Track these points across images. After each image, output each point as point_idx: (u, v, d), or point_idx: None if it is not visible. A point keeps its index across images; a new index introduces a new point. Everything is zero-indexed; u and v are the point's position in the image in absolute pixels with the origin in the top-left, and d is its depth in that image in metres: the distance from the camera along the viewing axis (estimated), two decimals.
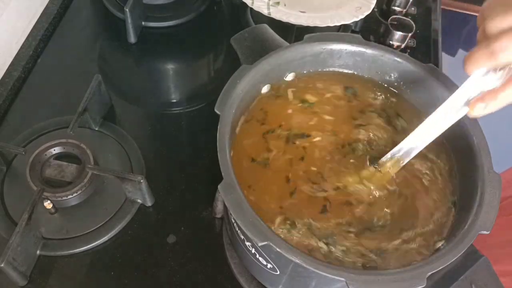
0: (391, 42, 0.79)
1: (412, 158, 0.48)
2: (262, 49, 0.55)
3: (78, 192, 0.59)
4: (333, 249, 0.44)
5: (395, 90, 0.55)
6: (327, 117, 0.53)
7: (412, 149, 0.47)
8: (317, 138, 0.51)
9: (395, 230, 0.45)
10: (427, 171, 0.49)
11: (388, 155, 0.48)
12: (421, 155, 0.50)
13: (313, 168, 0.48)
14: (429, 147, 0.50)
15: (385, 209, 0.47)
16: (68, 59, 0.77)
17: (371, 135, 0.52)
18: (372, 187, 0.48)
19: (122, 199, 0.61)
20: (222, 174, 0.42)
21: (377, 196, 0.47)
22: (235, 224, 0.46)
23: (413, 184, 0.48)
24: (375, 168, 0.49)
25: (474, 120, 0.48)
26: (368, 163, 0.49)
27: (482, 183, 0.44)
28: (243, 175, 0.46)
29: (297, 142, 0.50)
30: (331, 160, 0.49)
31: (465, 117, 0.44)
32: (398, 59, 0.53)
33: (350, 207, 0.47)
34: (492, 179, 0.44)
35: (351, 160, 0.49)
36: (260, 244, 0.39)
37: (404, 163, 0.48)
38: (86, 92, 0.63)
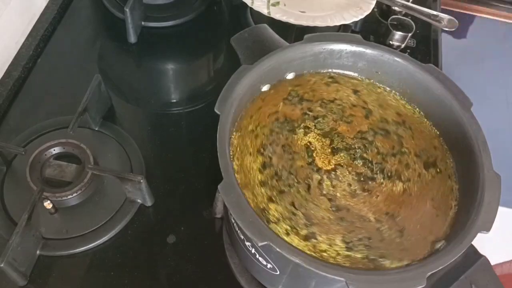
0: (391, 42, 0.79)
1: (413, 158, 0.49)
2: (262, 49, 0.55)
3: (78, 192, 0.59)
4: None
5: (395, 90, 0.55)
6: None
7: None
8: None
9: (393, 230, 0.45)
10: (427, 171, 0.49)
11: None
12: (422, 155, 0.50)
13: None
14: (429, 147, 0.50)
15: (384, 208, 0.47)
16: (68, 59, 0.77)
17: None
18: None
19: (122, 199, 0.61)
20: (222, 174, 0.42)
21: (375, 193, 0.47)
22: (235, 224, 0.46)
23: (412, 184, 0.48)
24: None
25: (474, 120, 0.48)
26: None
27: (482, 183, 0.44)
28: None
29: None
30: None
31: (466, 117, 0.44)
32: (398, 59, 0.53)
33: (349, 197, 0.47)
34: (492, 179, 0.44)
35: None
36: (260, 244, 0.39)
37: None
38: (86, 92, 0.63)
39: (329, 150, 0.50)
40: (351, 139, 0.51)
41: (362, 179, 0.48)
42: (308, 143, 0.50)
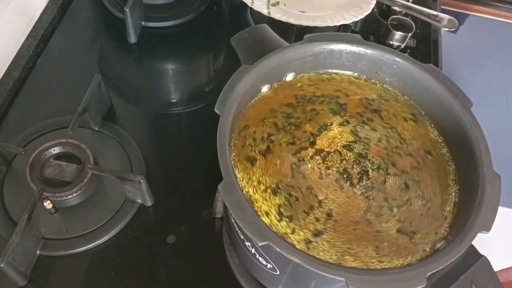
0: (391, 42, 0.79)
1: (413, 158, 0.49)
2: (262, 49, 0.55)
3: (78, 192, 0.59)
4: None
5: (395, 90, 0.55)
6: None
7: None
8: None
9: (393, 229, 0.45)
10: (427, 171, 0.49)
11: None
12: (422, 155, 0.50)
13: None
14: (429, 147, 0.50)
15: (384, 207, 0.47)
16: (68, 59, 0.77)
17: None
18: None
19: (122, 199, 0.61)
20: (222, 174, 0.42)
21: (376, 193, 0.47)
22: (235, 224, 0.46)
23: (412, 184, 0.48)
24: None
25: (474, 120, 0.48)
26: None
27: (482, 183, 0.44)
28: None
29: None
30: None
31: (466, 117, 0.44)
32: (398, 59, 0.53)
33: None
34: (492, 179, 0.44)
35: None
36: (260, 244, 0.39)
37: None
38: (86, 92, 0.63)
39: (342, 143, 0.50)
40: (376, 156, 0.49)
41: (345, 176, 0.48)
42: (329, 124, 0.51)
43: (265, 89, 0.53)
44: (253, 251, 0.46)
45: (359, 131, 0.51)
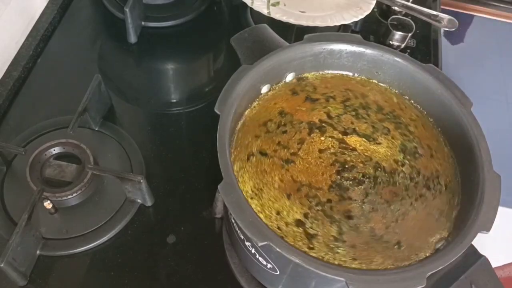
0: (391, 42, 0.79)
1: (413, 158, 0.49)
2: (262, 49, 0.55)
3: (78, 192, 0.59)
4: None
5: (395, 90, 0.55)
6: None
7: None
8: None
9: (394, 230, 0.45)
10: (427, 171, 0.49)
11: None
12: (421, 154, 0.50)
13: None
14: (429, 147, 0.50)
15: (384, 207, 0.46)
16: (68, 59, 0.77)
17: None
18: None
19: (122, 199, 0.61)
20: (222, 174, 0.42)
21: (341, 196, 0.47)
22: (235, 224, 0.46)
23: (412, 183, 0.48)
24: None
25: (474, 120, 0.48)
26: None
27: (482, 183, 0.44)
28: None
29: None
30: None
31: (466, 117, 0.44)
32: (398, 59, 0.53)
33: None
34: (492, 179, 0.44)
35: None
36: (260, 244, 0.39)
37: None
38: (86, 92, 0.63)
39: (376, 161, 0.49)
40: (382, 192, 0.48)
41: (346, 166, 0.48)
42: (378, 142, 0.50)
43: (265, 89, 0.53)
44: (253, 251, 0.46)
45: (397, 177, 0.49)
